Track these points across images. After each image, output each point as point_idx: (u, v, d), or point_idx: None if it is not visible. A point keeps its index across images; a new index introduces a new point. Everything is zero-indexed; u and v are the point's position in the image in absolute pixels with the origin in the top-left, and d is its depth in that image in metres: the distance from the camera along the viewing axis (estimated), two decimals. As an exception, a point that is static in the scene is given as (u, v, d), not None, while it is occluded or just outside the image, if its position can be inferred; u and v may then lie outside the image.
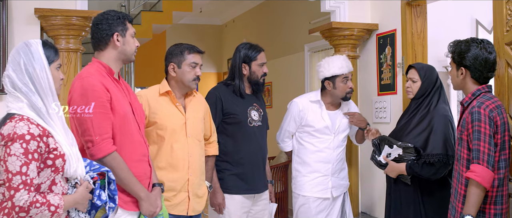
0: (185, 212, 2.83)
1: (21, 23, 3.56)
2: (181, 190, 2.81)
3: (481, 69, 2.57)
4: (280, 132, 3.67)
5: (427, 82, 3.10)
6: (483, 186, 2.43)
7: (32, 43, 1.99)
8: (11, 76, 1.95)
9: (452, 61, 2.67)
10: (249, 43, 3.30)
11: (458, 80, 2.65)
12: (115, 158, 2.29)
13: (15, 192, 1.83)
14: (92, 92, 2.27)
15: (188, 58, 2.85)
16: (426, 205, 3.03)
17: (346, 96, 3.51)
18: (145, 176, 2.44)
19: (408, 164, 3.02)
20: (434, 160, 2.92)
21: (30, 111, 1.93)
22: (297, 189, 3.58)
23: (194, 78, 2.86)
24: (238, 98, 3.21)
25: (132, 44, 2.47)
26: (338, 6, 4.34)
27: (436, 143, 2.95)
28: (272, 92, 7.35)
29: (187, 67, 2.85)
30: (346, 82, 3.48)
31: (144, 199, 2.37)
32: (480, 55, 2.55)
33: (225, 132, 3.16)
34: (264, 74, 3.27)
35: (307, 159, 3.53)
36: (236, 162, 3.16)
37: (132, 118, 2.41)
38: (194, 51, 2.88)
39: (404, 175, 3.06)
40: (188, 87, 2.89)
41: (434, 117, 3.02)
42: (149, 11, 7.26)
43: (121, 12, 2.47)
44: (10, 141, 1.85)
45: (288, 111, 3.63)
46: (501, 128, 2.50)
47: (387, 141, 3.15)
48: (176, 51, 2.88)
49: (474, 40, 2.61)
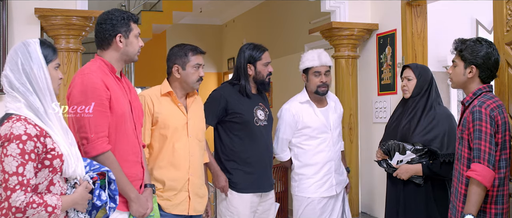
0: (186, 211, 2.83)
1: (21, 23, 3.56)
2: (181, 189, 2.81)
3: (491, 69, 2.58)
4: (277, 143, 3.54)
5: (422, 80, 3.12)
6: (484, 185, 2.43)
7: (30, 43, 1.98)
8: (9, 76, 1.95)
9: (460, 59, 2.63)
10: (253, 43, 3.31)
11: (464, 78, 2.63)
12: (109, 157, 2.28)
13: (11, 192, 1.82)
14: (92, 89, 2.26)
15: (192, 60, 2.87)
16: (439, 206, 3.03)
17: (317, 90, 3.45)
18: (137, 177, 2.44)
19: (425, 165, 3.01)
20: (452, 159, 2.93)
21: (28, 111, 1.92)
22: (301, 192, 3.52)
23: (198, 79, 2.89)
24: (244, 98, 3.22)
25: (135, 45, 2.46)
26: (338, 6, 4.34)
27: (452, 142, 2.95)
28: (272, 92, 7.35)
29: (191, 69, 2.87)
30: (317, 76, 3.44)
31: (134, 200, 2.36)
32: (493, 55, 2.57)
33: (232, 131, 3.17)
34: (270, 73, 3.29)
35: (310, 161, 3.50)
36: (243, 161, 3.16)
37: (129, 117, 2.41)
38: (198, 52, 2.90)
39: (417, 176, 3.05)
40: (192, 88, 2.92)
41: (442, 117, 3.03)
42: (149, 11, 7.26)
43: (126, 12, 2.45)
44: (7, 141, 1.84)
45: (281, 119, 3.54)
46: (502, 127, 2.50)
47: (399, 146, 3.08)
48: (180, 53, 2.89)
49: (484, 40, 2.61)
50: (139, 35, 2.50)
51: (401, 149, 3.07)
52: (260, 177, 3.21)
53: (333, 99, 3.65)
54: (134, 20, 2.46)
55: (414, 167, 3.04)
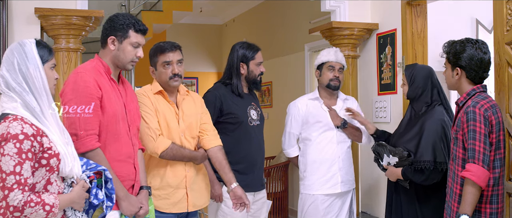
0: (185, 209, 2.83)
1: (21, 22, 3.56)
2: (178, 186, 2.81)
3: (476, 69, 2.58)
4: (285, 138, 3.67)
5: (415, 86, 3.11)
6: (478, 185, 2.43)
7: (26, 43, 1.99)
8: (5, 76, 1.95)
9: (447, 62, 2.68)
10: (246, 42, 3.31)
11: (454, 80, 2.66)
12: (97, 154, 2.28)
13: (9, 192, 1.83)
14: (83, 88, 2.28)
15: (160, 59, 2.81)
16: (423, 208, 3.04)
17: (329, 84, 3.55)
18: (128, 178, 2.44)
19: (402, 170, 3.04)
20: (422, 167, 2.93)
21: (24, 110, 1.93)
22: (305, 189, 3.59)
23: (170, 77, 2.80)
24: (237, 98, 3.21)
25: (128, 54, 2.43)
26: (338, 6, 4.34)
27: (425, 149, 2.94)
28: (272, 92, 7.35)
29: (161, 68, 2.82)
30: (331, 70, 3.54)
31: (123, 199, 2.36)
32: (476, 56, 2.57)
33: (225, 131, 3.16)
34: (261, 73, 3.29)
35: (313, 157, 3.54)
36: (237, 162, 3.15)
37: (122, 118, 2.41)
38: (166, 50, 2.80)
39: (402, 180, 3.08)
40: (169, 86, 2.84)
41: (426, 121, 3.01)
42: (149, 10, 7.26)
43: (131, 20, 2.42)
44: (4, 140, 1.85)
45: (288, 114, 3.64)
46: (496, 127, 2.51)
47: (386, 148, 3.16)
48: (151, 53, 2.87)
49: (469, 41, 2.62)
50: (139, 46, 2.44)
51: (386, 151, 3.14)
52: (253, 177, 3.21)
53: (343, 99, 3.67)
54: (136, 29, 2.42)
55: (397, 170, 3.08)
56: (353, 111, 3.55)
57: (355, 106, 3.69)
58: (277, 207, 6.15)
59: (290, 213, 6.40)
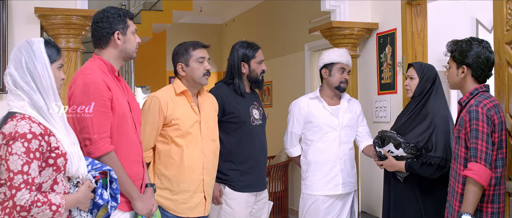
0: (203, 213, 2.84)
1: (21, 22, 3.56)
2: (196, 190, 2.81)
3: (483, 68, 2.59)
4: (287, 137, 3.66)
5: (425, 80, 3.12)
6: (480, 184, 2.44)
7: (34, 42, 1.98)
8: (13, 74, 1.94)
9: (452, 60, 2.68)
10: (246, 41, 3.30)
11: (458, 79, 2.66)
12: (112, 157, 2.28)
13: (16, 191, 1.82)
14: (94, 90, 2.26)
15: (194, 54, 2.86)
16: (426, 204, 3.04)
17: (339, 86, 3.52)
18: (138, 177, 2.44)
19: (407, 162, 3.03)
20: (434, 162, 2.94)
21: (32, 109, 1.92)
22: (307, 189, 3.58)
23: (204, 73, 2.86)
24: (240, 97, 3.21)
25: (133, 42, 2.45)
26: (338, 5, 4.34)
27: (438, 145, 2.96)
28: (272, 92, 7.35)
29: (195, 64, 2.85)
30: (342, 72, 3.51)
31: (137, 199, 2.36)
32: (483, 54, 2.58)
33: (228, 131, 3.16)
34: (263, 71, 3.28)
35: (314, 157, 3.53)
36: (240, 162, 3.15)
37: (129, 117, 2.41)
38: (199, 46, 2.88)
39: (400, 171, 3.08)
40: (200, 84, 2.89)
41: (435, 117, 3.03)
42: (149, 10, 7.27)
43: (121, 9, 2.45)
44: (12, 139, 1.84)
45: (290, 113, 3.64)
46: (499, 126, 2.52)
47: (394, 140, 3.10)
48: (181, 51, 2.89)
49: (474, 39, 2.64)
50: (136, 32, 2.49)
51: (396, 143, 3.08)
52: (256, 177, 3.21)
53: (347, 99, 3.65)
54: (130, 16, 2.46)
55: (398, 163, 3.07)
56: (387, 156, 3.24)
57: (358, 109, 3.68)
58: (277, 207, 6.15)
59: (290, 212, 6.40)
